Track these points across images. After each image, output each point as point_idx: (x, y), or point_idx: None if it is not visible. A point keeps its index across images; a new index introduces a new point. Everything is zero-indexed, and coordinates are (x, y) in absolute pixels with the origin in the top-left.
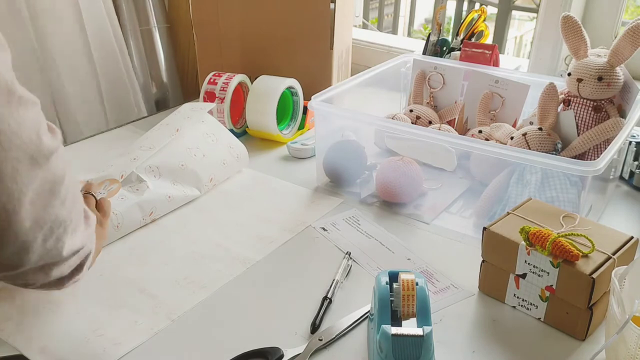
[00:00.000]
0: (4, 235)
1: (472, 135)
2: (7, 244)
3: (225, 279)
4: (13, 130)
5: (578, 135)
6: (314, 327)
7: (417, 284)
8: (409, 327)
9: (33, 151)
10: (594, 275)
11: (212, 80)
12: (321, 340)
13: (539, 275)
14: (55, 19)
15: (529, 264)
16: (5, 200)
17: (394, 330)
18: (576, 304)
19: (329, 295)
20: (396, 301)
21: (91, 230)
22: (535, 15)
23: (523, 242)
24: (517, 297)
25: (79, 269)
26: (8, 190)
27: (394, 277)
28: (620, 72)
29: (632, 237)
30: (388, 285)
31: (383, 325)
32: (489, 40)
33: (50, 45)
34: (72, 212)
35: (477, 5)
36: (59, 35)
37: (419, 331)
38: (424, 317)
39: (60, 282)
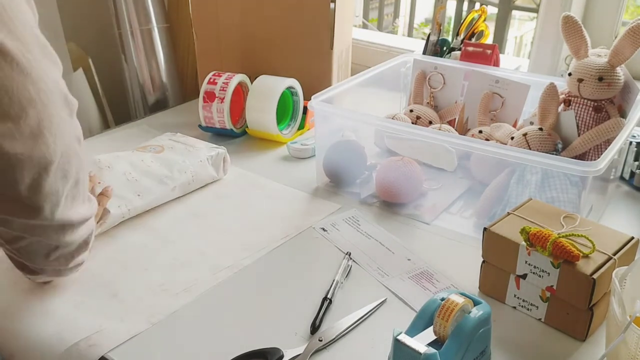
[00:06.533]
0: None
1: (473, 135)
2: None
3: (225, 279)
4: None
5: (578, 136)
6: (314, 328)
7: (469, 312)
8: (420, 341)
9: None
10: (595, 276)
11: (211, 80)
12: (321, 340)
13: (540, 276)
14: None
15: (529, 264)
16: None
17: (401, 336)
18: (577, 304)
19: (329, 296)
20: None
21: (93, 212)
22: (535, 15)
23: (523, 243)
24: (518, 298)
25: (84, 245)
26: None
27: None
28: (621, 72)
29: (632, 238)
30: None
31: (395, 329)
32: (489, 40)
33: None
34: (82, 176)
35: (477, 5)
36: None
37: (421, 348)
38: (457, 343)
39: (70, 257)
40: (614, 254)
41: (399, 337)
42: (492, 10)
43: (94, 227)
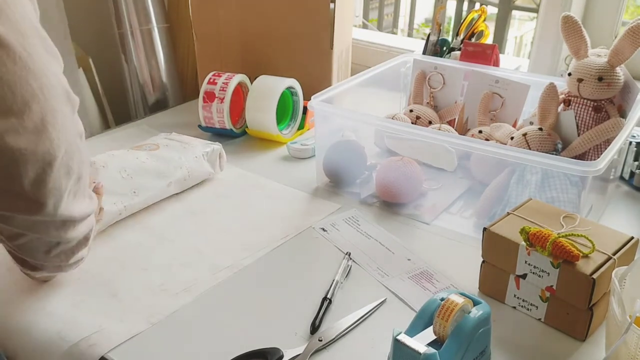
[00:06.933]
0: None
1: (472, 135)
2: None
3: (225, 279)
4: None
5: (578, 136)
6: (314, 328)
7: (469, 312)
8: (419, 341)
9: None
10: (595, 276)
11: (211, 80)
12: (321, 340)
13: (539, 276)
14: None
15: (529, 264)
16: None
17: (401, 336)
18: (576, 304)
19: (328, 296)
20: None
21: (93, 208)
22: (535, 15)
23: (523, 243)
24: (518, 298)
25: (84, 241)
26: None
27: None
28: (621, 72)
29: (632, 238)
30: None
31: (395, 328)
32: (489, 40)
33: None
34: (83, 172)
35: (477, 5)
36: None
37: (421, 348)
38: (456, 343)
39: (71, 253)
40: (614, 254)
41: (398, 337)
42: (492, 10)
43: (94, 223)
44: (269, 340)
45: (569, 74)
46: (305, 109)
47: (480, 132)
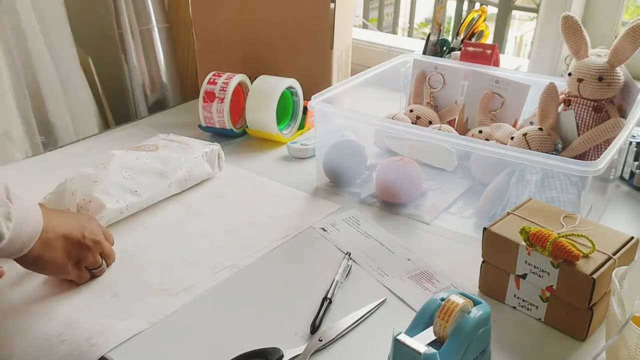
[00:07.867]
0: None
1: (472, 135)
2: None
3: (225, 279)
4: None
5: (578, 136)
6: (314, 328)
7: (469, 312)
8: (420, 341)
9: None
10: (595, 276)
11: (211, 80)
12: (321, 340)
13: (540, 276)
14: (54, 20)
15: (529, 264)
16: None
17: (401, 336)
18: (576, 304)
19: (328, 296)
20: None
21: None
22: (535, 15)
23: (523, 243)
24: (518, 298)
25: None
26: None
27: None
28: (621, 72)
29: (632, 238)
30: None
31: (395, 328)
32: (489, 40)
33: (49, 44)
34: None
35: (477, 5)
36: (57, 34)
37: (421, 348)
38: (456, 343)
39: None
40: (614, 254)
41: (398, 337)
42: (492, 10)
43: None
44: (269, 340)
45: (569, 74)
46: (305, 109)
47: (480, 132)
